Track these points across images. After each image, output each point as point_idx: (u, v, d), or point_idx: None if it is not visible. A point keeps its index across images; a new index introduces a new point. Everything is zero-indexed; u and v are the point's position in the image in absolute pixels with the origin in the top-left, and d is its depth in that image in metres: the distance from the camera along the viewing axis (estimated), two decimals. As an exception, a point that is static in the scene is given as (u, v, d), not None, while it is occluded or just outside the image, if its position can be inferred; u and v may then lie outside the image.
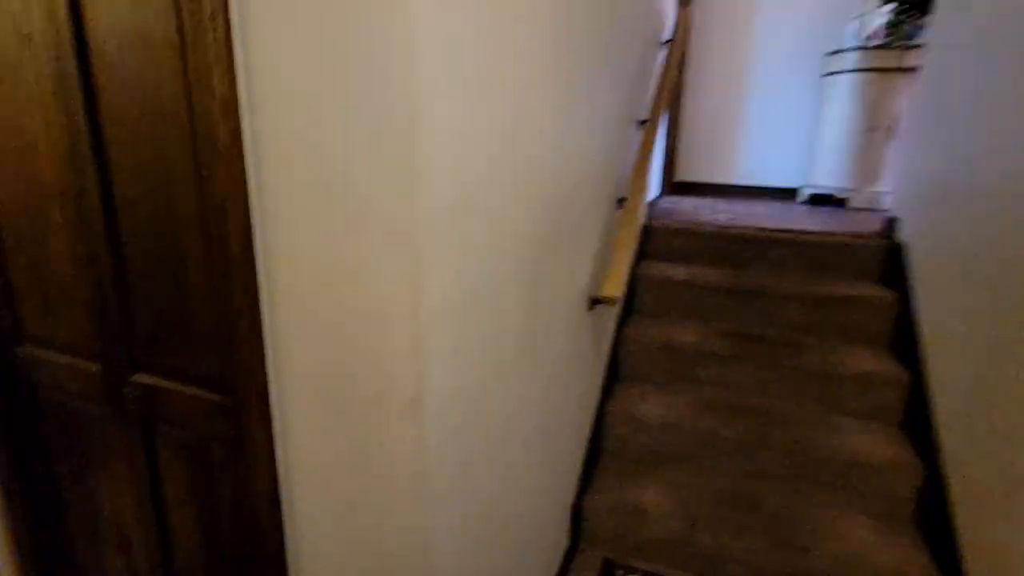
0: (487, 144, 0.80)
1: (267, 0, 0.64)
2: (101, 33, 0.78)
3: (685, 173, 4.12)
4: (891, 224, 2.39)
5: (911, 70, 2.94)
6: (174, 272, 0.85)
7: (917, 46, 2.94)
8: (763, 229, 2.52)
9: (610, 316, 2.07)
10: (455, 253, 0.74)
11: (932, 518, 1.62)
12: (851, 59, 3.22)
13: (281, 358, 0.78)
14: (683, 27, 2.57)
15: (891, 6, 3.09)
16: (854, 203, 3.28)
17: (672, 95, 3.76)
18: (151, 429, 0.98)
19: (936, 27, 2.21)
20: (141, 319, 0.92)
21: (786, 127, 3.85)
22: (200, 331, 0.86)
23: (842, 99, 3.29)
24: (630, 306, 2.39)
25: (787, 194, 3.88)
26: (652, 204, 3.03)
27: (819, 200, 3.49)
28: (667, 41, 2.57)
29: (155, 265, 0.86)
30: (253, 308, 0.77)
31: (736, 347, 2.09)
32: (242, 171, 0.71)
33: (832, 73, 3.37)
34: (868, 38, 3.26)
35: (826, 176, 3.44)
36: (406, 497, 0.76)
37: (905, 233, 2.24)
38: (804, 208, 3.37)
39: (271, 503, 0.85)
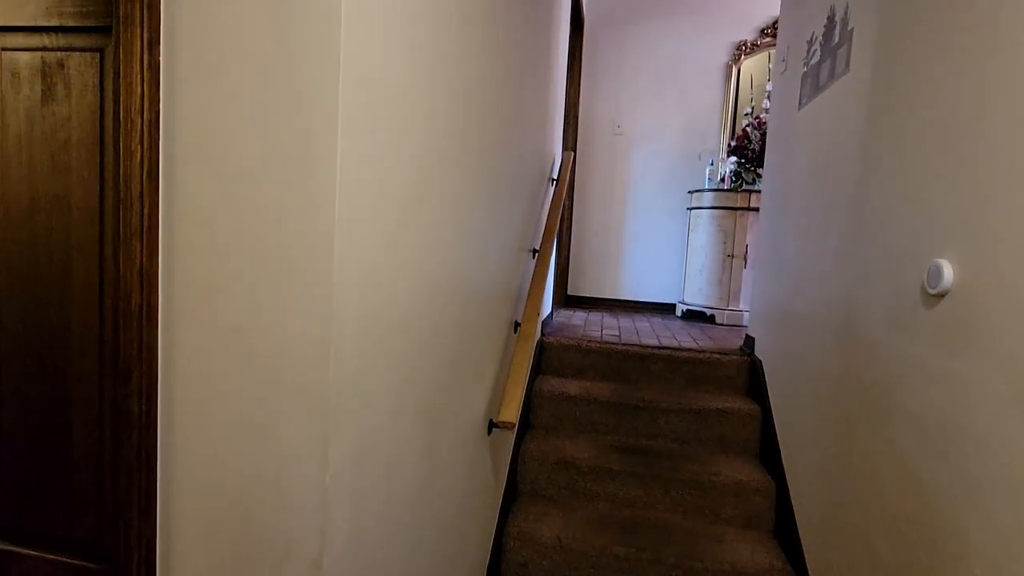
0: (399, 290, 0.89)
1: (195, 178, 0.71)
2: (12, 191, 0.79)
3: (577, 287, 4.46)
4: (749, 342, 2.73)
5: (756, 210, 3.53)
6: (56, 429, 0.81)
7: (757, 191, 3.56)
8: (645, 346, 2.78)
9: (509, 435, 2.13)
10: (362, 403, 0.79)
11: (804, 623, 1.75)
12: (708, 198, 3.80)
13: (172, 519, 0.76)
14: (567, 167, 2.93)
15: (734, 158, 3.74)
16: (720, 319, 3.71)
17: (562, 219, 4.15)
18: (-1, 605, 0.87)
19: (765, 180, 2.72)
20: (11, 479, 0.85)
21: (662, 250, 4.36)
22: (81, 493, 0.81)
23: (703, 230, 3.83)
24: (527, 420, 2.47)
25: (666, 308, 4.31)
26: (547, 320, 3.23)
27: (692, 316, 3.91)
28: (555, 179, 2.91)
29: (35, 421, 0.82)
30: (148, 469, 0.75)
31: (625, 460, 2.21)
32: (152, 336, 0.73)
33: (695, 207, 3.93)
34: (720, 181, 3.89)
35: (696, 295, 3.89)
36: (300, 665, 0.74)
37: (759, 350, 2.58)
38: (680, 323, 3.76)
39: None
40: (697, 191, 3.93)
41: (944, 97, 1.20)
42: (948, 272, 1.12)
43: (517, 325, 2.08)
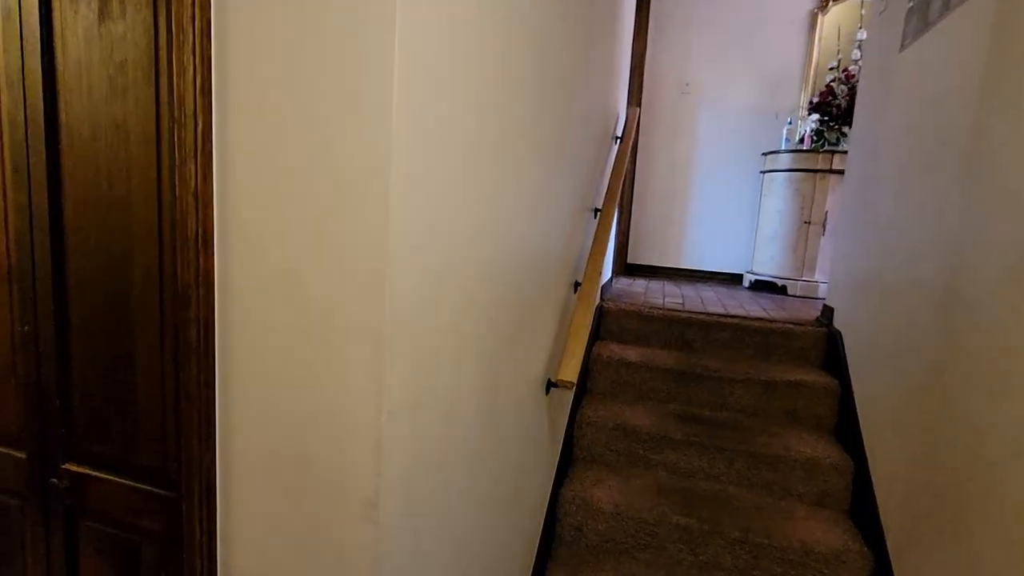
0: (458, 238, 0.84)
1: (248, 101, 0.67)
2: (75, 118, 0.78)
3: (637, 256, 4.31)
4: (827, 312, 2.54)
5: (839, 172, 3.25)
6: (123, 357, 0.82)
7: (841, 151, 3.27)
8: (710, 314, 2.64)
9: (566, 398, 2.08)
10: (417, 349, 0.75)
11: (882, 609, 1.63)
12: (785, 159, 3.53)
13: (232, 452, 0.75)
14: (632, 124, 2.78)
15: (816, 116, 3.45)
16: (793, 291, 3.49)
17: (624, 184, 3.99)
18: (75, 525, 0.90)
19: (855, 137, 2.48)
20: (81, 403, 0.87)
21: (730, 217, 4.13)
22: (145, 418, 0.82)
23: (778, 195, 3.58)
24: (585, 386, 2.41)
25: (732, 279, 4.10)
26: (606, 286, 3.13)
27: (761, 286, 3.70)
28: (619, 137, 2.77)
29: (103, 349, 0.83)
30: (208, 397, 0.74)
31: (687, 430, 2.12)
32: (209, 262, 0.71)
33: (769, 171, 3.68)
34: (799, 142, 3.61)
35: (767, 264, 3.67)
36: (355, 604, 0.72)
37: (839, 322, 2.39)
38: (748, 293, 3.56)
39: (205, 611, 0.78)
40: (772, 152, 3.66)
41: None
42: (1094, 220, 0.95)
43: (577, 285, 2.00)
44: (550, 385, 1.64)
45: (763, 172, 3.77)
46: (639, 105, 3.99)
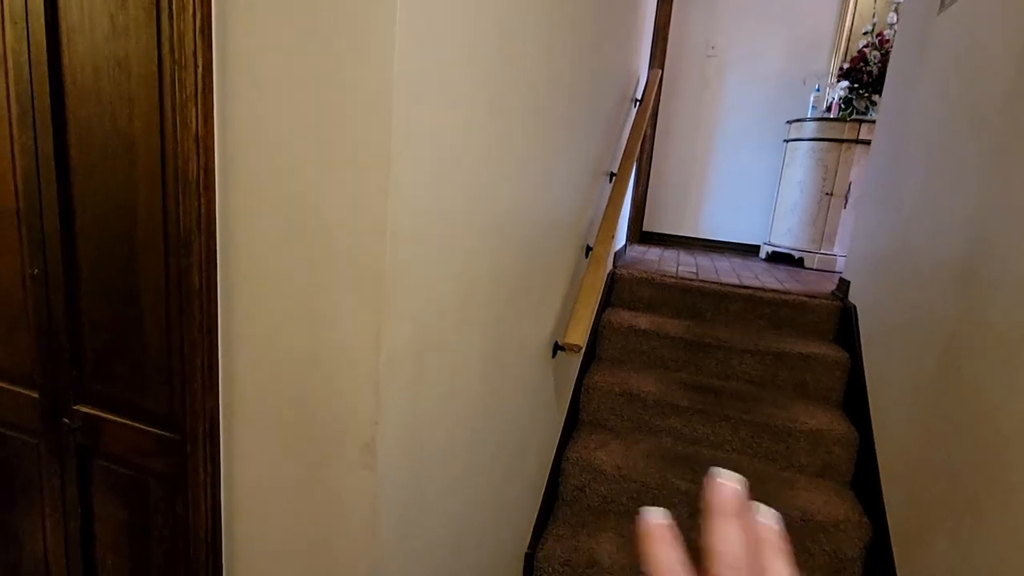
0: (462, 191, 0.82)
1: (248, 41, 0.66)
2: (78, 58, 0.77)
3: (652, 224, 4.25)
4: (843, 286, 2.50)
5: (866, 142, 3.14)
6: (129, 301, 0.82)
7: (869, 121, 3.15)
8: (724, 284, 2.60)
9: (573, 362, 2.09)
10: (420, 299, 0.75)
11: (878, 579, 1.65)
12: (810, 128, 3.42)
13: (234, 396, 0.76)
14: (653, 87, 2.70)
15: (846, 83, 3.32)
16: (810, 263, 3.42)
17: (642, 150, 3.91)
18: (87, 464, 0.93)
19: (885, 106, 2.38)
20: (90, 346, 0.88)
21: (749, 187, 4.03)
22: (151, 363, 0.83)
23: (801, 164, 3.48)
24: (593, 352, 2.41)
25: (748, 250, 4.03)
26: (619, 252, 3.10)
27: (778, 258, 3.64)
28: (639, 99, 2.69)
29: (110, 292, 0.84)
30: (210, 342, 0.75)
31: (694, 398, 2.12)
32: (211, 206, 0.70)
33: (793, 139, 3.56)
34: (826, 110, 3.48)
35: (785, 236, 3.59)
36: (354, 544, 0.74)
37: (855, 296, 2.35)
38: (764, 265, 3.50)
39: (210, 547, 0.81)
40: (797, 120, 3.55)
41: None
42: None
43: (589, 249, 1.98)
44: (557, 348, 1.64)
45: (786, 141, 3.66)
46: (662, 68, 3.86)
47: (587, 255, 1.97)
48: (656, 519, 0.26)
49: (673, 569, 0.25)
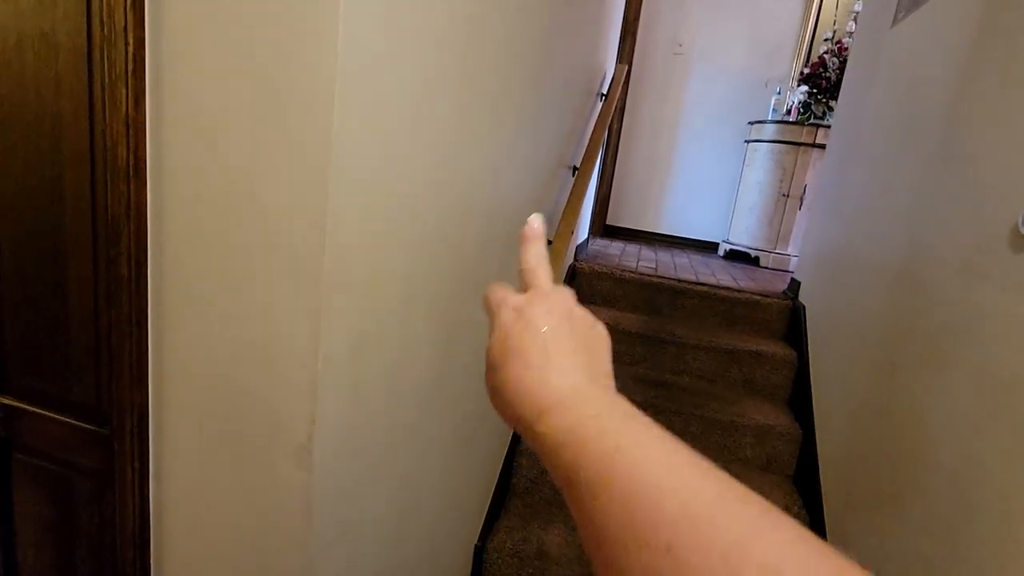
0: (413, 178, 0.81)
1: (183, 16, 0.62)
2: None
3: (616, 218, 4.29)
4: (794, 286, 2.58)
5: (822, 147, 3.24)
6: (55, 289, 0.78)
7: (826, 126, 3.25)
8: (682, 280, 2.66)
9: (530, 355, 2.09)
10: (363, 293, 0.73)
11: (813, 568, 1.72)
12: (770, 130, 3.50)
13: (165, 390, 0.73)
14: (619, 82, 2.71)
15: (805, 88, 3.40)
16: (766, 263, 3.52)
17: (608, 145, 3.94)
18: (7, 457, 0.88)
19: (840, 112, 2.45)
20: (11, 336, 0.83)
21: (710, 185, 4.11)
22: (78, 353, 0.79)
23: (761, 165, 3.56)
24: (552, 345, 2.43)
25: (708, 247, 4.12)
26: (581, 246, 3.12)
27: (735, 256, 3.73)
28: (604, 94, 2.70)
29: (33, 279, 0.79)
30: (139, 334, 0.72)
31: (648, 393, 2.16)
32: (141, 192, 0.67)
33: (754, 140, 3.65)
34: (786, 113, 3.57)
35: (742, 235, 3.69)
36: (289, 544, 0.72)
37: (804, 296, 2.43)
38: (721, 262, 3.59)
39: (138, 547, 0.78)
40: (758, 122, 3.63)
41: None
42: (1051, 209, 0.96)
43: (549, 243, 1.98)
44: (512, 342, 1.64)
45: (747, 141, 3.74)
46: (630, 63, 3.88)
47: (548, 247, 1.97)
48: (536, 222, 0.35)
49: (539, 262, 0.34)
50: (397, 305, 0.85)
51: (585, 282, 2.67)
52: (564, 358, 0.29)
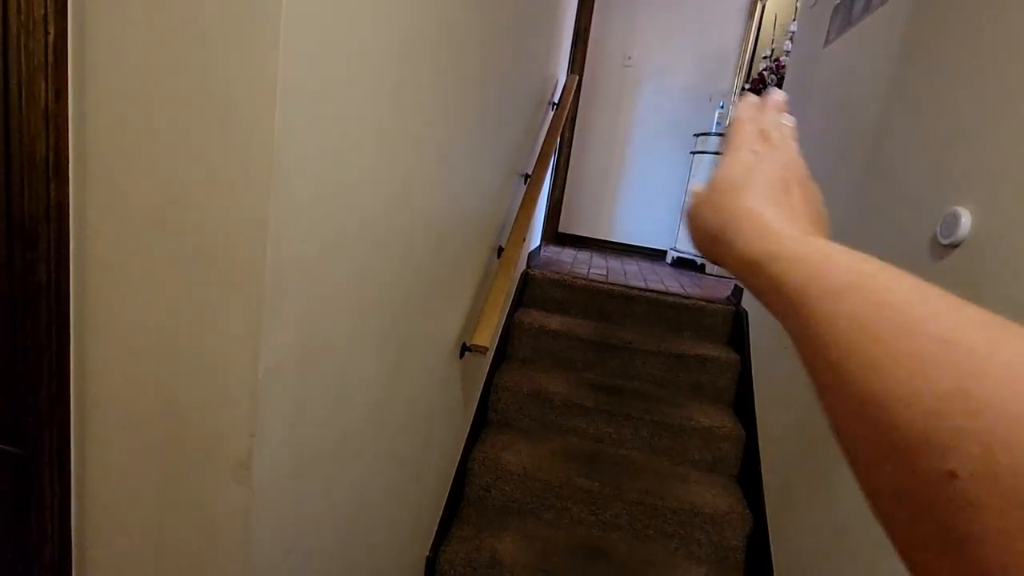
0: (362, 184, 0.79)
1: (109, 7, 0.59)
2: (-103, 10, 0.66)
3: (568, 225, 4.35)
4: (736, 292, 2.68)
5: (760, 159, 3.37)
6: (-38, 296, 0.72)
7: (765, 139, 3.39)
8: (631, 287, 2.71)
9: (483, 362, 2.09)
10: (308, 300, 0.71)
11: (759, 564, 1.78)
12: (714, 142, 3.64)
13: (90, 407, 0.68)
14: (571, 91, 2.75)
15: (747, 102, 3.55)
16: (711, 270, 3.64)
17: (560, 153, 3.98)
18: (-94, 482, 0.80)
19: (778, 127, 2.57)
20: (-90, 347, 0.76)
21: (658, 194, 4.23)
22: (-11, 367, 0.73)
23: (705, 176, 3.69)
24: (504, 351, 2.43)
25: (656, 255, 4.23)
26: (534, 253, 3.14)
27: (682, 263, 3.84)
28: (556, 103, 2.74)
29: (-63, 285, 0.72)
30: (59, 345, 0.66)
31: (599, 398, 2.19)
32: (63, 192, 0.62)
33: (699, 152, 3.78)
34: (728, 126, 3.71)
35: (688, 243, 3.80)
36: (228, 566, 0.69)
37: (746, 301, 2.52)
38: (669, 269, 3.69)
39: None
40: (703, 134, 3.76)
41: (984, 33, 1.07)
42: (966, 220, 1.03)
43: (500, 250, 1.98)
44: (464, 349, 1.63)
45: (693, 153, 3.87)
46: (581, 73, 3.95)
47: (499, 256, 1.97)
48: (780, 95, 0.39)
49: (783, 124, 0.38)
50: (346, 315, 0.82)
51: (538, 289, 2.69)
52: (794, 206, 0.32)
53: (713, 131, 3.74)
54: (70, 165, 0.62)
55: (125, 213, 0.62)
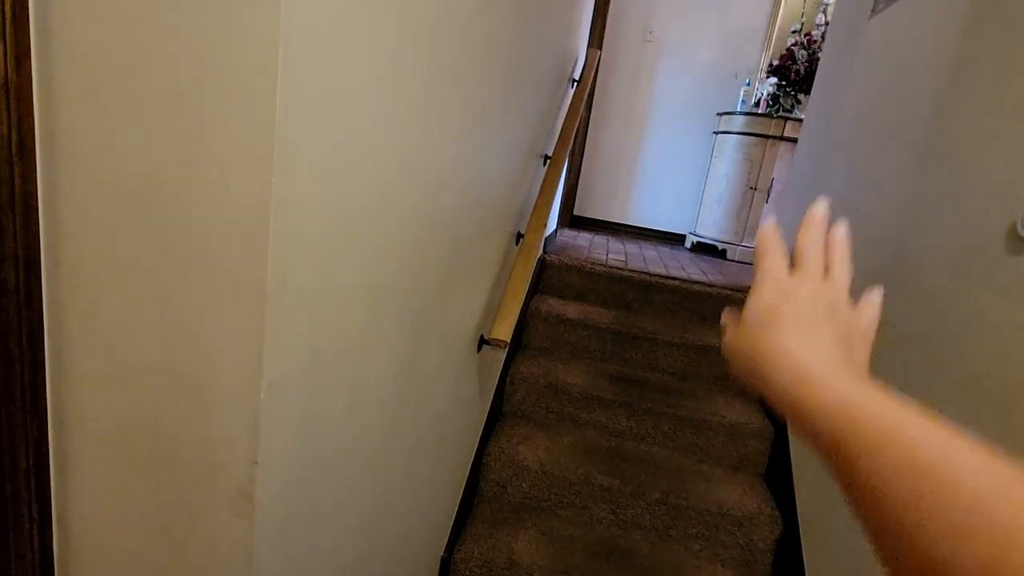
0: (375, 169, 0.69)
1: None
2: None
3: (584, 209, 4.22)
4: (764, 281, 2.56)
5: (790, 140, 3.23)
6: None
7: (795, 119, 3.24)
8: (652, 275, 2.60)
9: (499, 353, 2.00)
10: (316, 303, 0.61)
11: (789, 569, 1.70)
12: (738, 122, 3.48)
13: (69, 423, 0.59)
14: (591, 68, 2.62)
15: (774, 79, 3.39)
16: (732, 255, 3.52)
17: (577, 134, 3.84)
18: None
19: (812, 105, 2.43)
20: None
21: (678, 176, 4.08)
22: (-40, 374, 0.65)
23: (728, 157, 3.54)
24: (520, 341, 2.34)
25: (675, 239, 4.10)
26: (550, 238, 3.03)
27: (702, 249, 3.71)
28: (576, 80, 2.60)
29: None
30: (32, 355, 0.58)
31: (619, 390, 2.10)
32: (30, 178, 0.53)
33: (722, 132, 3.62)
34: (754, 105, 3.55)
35: (710, 227, 3.67)
36: (228, 601, 0.61)
37: (776, 291, 2.41)
38: (689, 255, 3.57)
39: (40, 607, 0.65)
40: (727, 113, 3.60)
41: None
42: (1054, 212, 0.91)
43: (520, 236, 1.88)
44: (482, 342, 1.54)
45: (716, 133, 3.72)
46: (600, 48, 3.79)
47: (518, 242, 1.87)
48: (822, 208, 0.37)
49: (816, 247, 0.36)
50: (359, 313, 0.73)
51: (554, 275, 2.59)
52: (825, 341, 0.31)
53: (737, 110, 3.59)
54: (37, 147, 0.53)
55: (102, 203, 0.52)
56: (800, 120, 3.07)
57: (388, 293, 0.82)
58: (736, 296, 2.48)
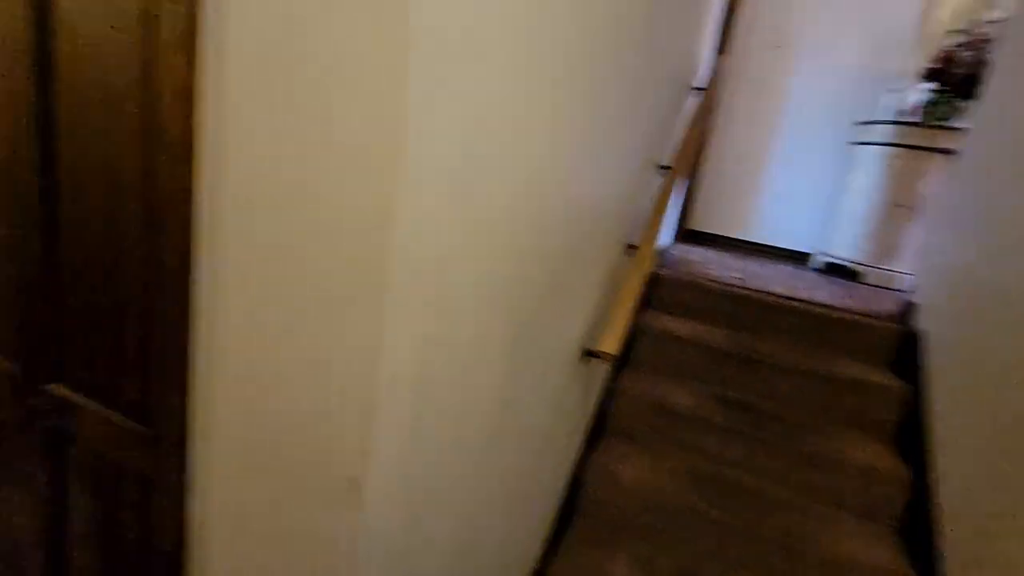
0: (492, 175, 0.69)
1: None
2: (62, -9, 0.66)
3: (699, 222, 4.02)
4: (909, 308, 2.27)
5: (944, 151, 2.86)
6: (110, 277, 0.72)
7: (953, 128, 2.86)
8: (773, 294, 2.41)
9: (603, 366, 1.95)
10: (433, 302, 0.62)
11: (924, 642, 1.48)
12: (883, 132, 3.14)
13: (208, 400, 0.65)
14: (717, 75, 2.49)
15: (931, 85, 3.02)
16: (868, 279, 3.17)
17: (699, 143, 3.68)
18: (60, 449, 0.84)
19: (981, 113, 2.12)
20: (70, 321, 0.79)
21: (807, 190, 3.76)
22: (129, 348, 0.73)
23: (869, 171, 3.20)
24: (626, 356, 2.26)
25: (799, 258, 3.78)
26: (662, 252, 2.92)
27: (832, 270, 3.38)
28: (699, 87, 2.49)
29: (93, 264, 0.74)
30: (182, 336, 0.64)
31: (731, 416, 1.96)
32: (188, 175, 0.59)
33: (861, 143, 3.29)
34: (905, 113, 3.19)
35: (843, 246, 3.34)
36: (334, 585, 0.63)
37: (923, 321, 2.13)
38: (816, 276, 3.26)
39: (174, 563, 0.71)
40: (869, 123, 3.26)
41: None
42: None
43: (630, 248, 1.82)
44: (587, 354, 1.50)
45: (854, 143, 3.38)
46: (727, 55, 3.61)
47: (629, 254, 1.81)
48: None
49: None
50: (471, 321, 0.73)
51: (665, 291, 2.48)
52: None
53: (882, 119, 3.23)
54: (203, 146, 0.58)
55: (254, 206, 0.57)
56: (959, 130, 2.71)
57: (498, 299, 0.82)
58: (870, 323, 2.22)
